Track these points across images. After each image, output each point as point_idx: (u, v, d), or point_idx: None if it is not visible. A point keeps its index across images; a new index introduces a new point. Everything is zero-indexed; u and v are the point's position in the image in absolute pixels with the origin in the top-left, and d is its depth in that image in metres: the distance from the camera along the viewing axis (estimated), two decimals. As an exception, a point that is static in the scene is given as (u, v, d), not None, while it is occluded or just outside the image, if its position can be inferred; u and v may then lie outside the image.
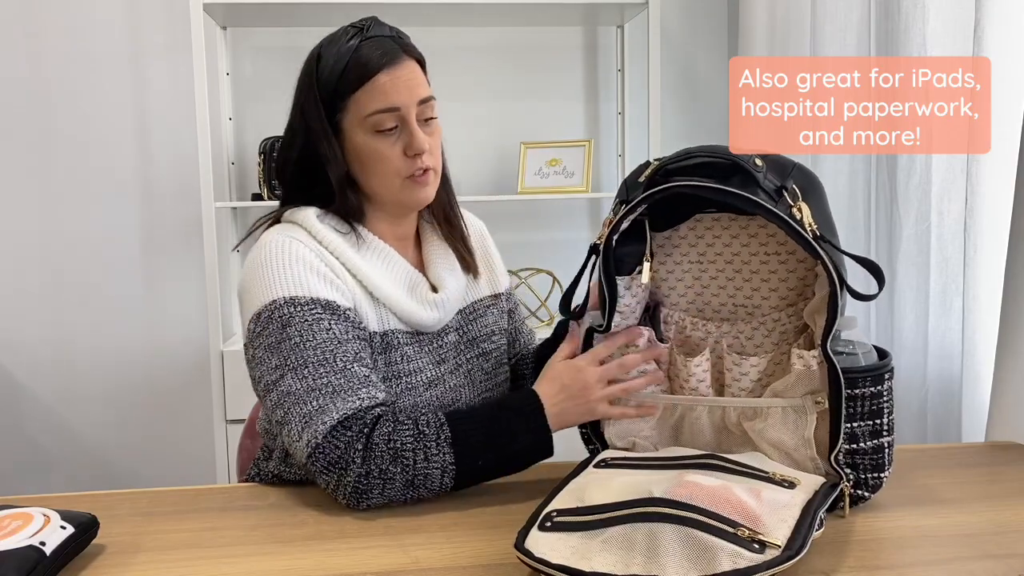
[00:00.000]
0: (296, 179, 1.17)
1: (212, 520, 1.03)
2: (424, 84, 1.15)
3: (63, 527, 0.87)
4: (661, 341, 1.10)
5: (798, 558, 0.76)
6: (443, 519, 0.99)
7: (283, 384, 1.04)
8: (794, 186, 0.94)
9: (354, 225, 1.16)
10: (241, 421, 2.09)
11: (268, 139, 2.50)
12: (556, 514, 0.85)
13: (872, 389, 0.95)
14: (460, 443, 1.02)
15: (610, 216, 1.02)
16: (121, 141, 2.62)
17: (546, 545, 0.81)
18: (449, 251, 1.25)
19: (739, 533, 0.77)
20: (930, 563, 0.86)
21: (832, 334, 0.93)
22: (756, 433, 1.00)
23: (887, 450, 0.96)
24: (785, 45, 2.27)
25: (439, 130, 1.17)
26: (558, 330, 1.31)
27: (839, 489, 0.92)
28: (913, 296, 1.79)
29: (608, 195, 2.56)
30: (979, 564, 0.84)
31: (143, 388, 2.68)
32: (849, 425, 0.95)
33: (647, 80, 2.54)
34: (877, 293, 0.91)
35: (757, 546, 0.76)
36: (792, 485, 0.89)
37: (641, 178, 1.00)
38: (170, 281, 2.67)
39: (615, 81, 2.79)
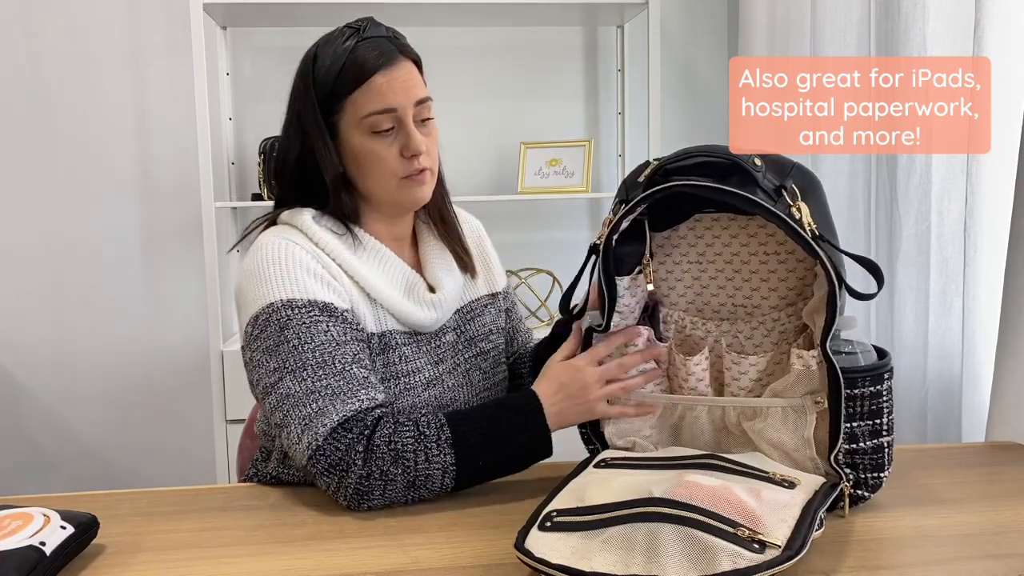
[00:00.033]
0: (292, 180, 1.17)
1: (212, 520, 1.03)
2: (421, 85, 1.15)
3: (63, 527, 0.87)
4: (660, 340, 1.11)
5: (798, 558, 0.76)
6: (443, 519, 0.99)
7: (282, 387, 1.04)
8: (793, 186, 0.94)
9: (350, 226, 1.16)
10: (241, 421, 2.09)
11: (268, 139, 2.50)
12: (556, 514, 0.85)
13: (871, 389, 0.95)
14: (460, 444, 1.02)
15: (610, 216, 1.02)
16: (121, 141, 2.62)
17: (546, 545, 0.81)
18: (446, 251, 1.25)
19: (739, 533, 0.77)
20: (930, 563, 0.86)
21: (831, 334, 0.93)
22: (756, 433, 1.00)
23: (887, 450, 0.96)
24: (785, 45, 2.27)
25: (436, 131, 1.17)
26: (556, 330, 1.31)
27: (839, 489, 0.92)
28: (913, 296, 1.79)
29: (608, 195, 2.56)
30: (979, 564, 0.84)
31: (143, 388, 2.68)
32: (849, 425, 0.95)
33: (647, 80, 2.54)
34: (876, 292, 0.91)
35: (757, 546, 0.76)
36: (792, 485, 0.89)
37: (640, 178, 1.00)
38: (170, 281, 2.67)
39: (615, 81, 2.79)
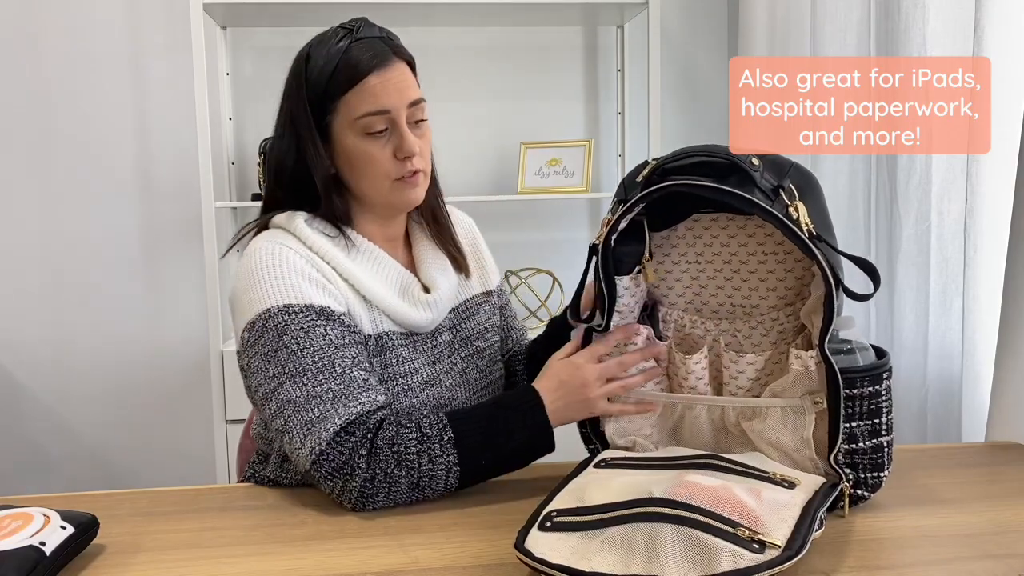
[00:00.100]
0: (285, 181, 1.16)
1: (212, 520, 1.03)
2: (414, 86, 1.14)
3: (63, 527, 0.87)
4: (660, 339, 1.11)
5: (798, 558, 0.76)
6: (443, 519, 0.99)
7: (282, 392, 1.04)
8: (791, 185, 0.94)
9: (343, 229, 1.16)
10: (241, 421, 2.09)
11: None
12: (556, 514, 0.85)
13: (870, 389, 0.95)
14: (463, 443, 1.02)
15: (608, 216, 1.02)
16: (121, 141, 2.62)
17: (546, 545, 0.81)
18: (439, 251, 1.25)
19: (739, 533, 0.77)
20: (930, 563, 0.86)
21: (829, 334, 0.93)
22: (755, 433, 1.00)
23: (886, 450, 0.96)
24: (785, 45, 2.27)
25: (429, 132, 1.17)
26: (550, 328, 1.31)
27: (839, 489, 0.92)
28: (913, 296, 1.79)
29: (608, 195, 2.55)
30: (979, 564, 0.84)
31: (143, 388, 2.68)
32: (848, 425, 0.95)
33: (647, 80, 2.54)
34: (873, 293, 0.91)
35: (757, 546, 0.76)
36: (792, 485, 0.89)
37: (639, 178, 1.00)
38: (170, 281, 2.67)
39: (615, 81, 2.79)
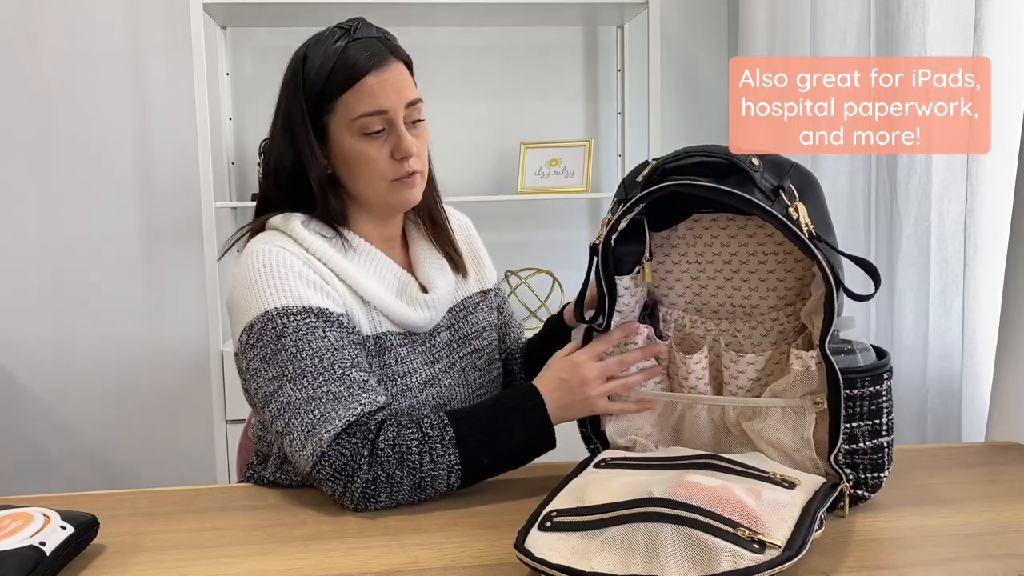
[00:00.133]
0: (281, 181, 1.16)
1: (212, 520, 1.03)
2: (411, 86, 1.14)
3: (63, 527, 0.87)
4: (660, 339, 1.11)
5: (798, 558, 0.76)
6: (443, 519, 0.99)
7: (282, 394, 1.04)
8: (791, 186, 0.94)
9: (339, 229, 1.15)
10: (241, 421, 2.09)
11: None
12: (556, 514, 0.85)
13: (871, 389, 0.95)
14: (464, 443, 1.02)
15: (608, 216, 1.02)
16: (121, 141, 2.62)
17: (546, 545, 0.81)
18: (436, 251, 1.25)
19: (739, 533, 0.77)
20: (930, 563, 0.86)
21: (830, 334, 0.93)
22: (755, 433, 1.00)
23: (886, 450, 0.96)
24: (785, 45, 2.27)
25: (426, 132, 1.17)
26: (547, 327, 1.31)
27: (839, 489, 0.92)
28: (913, 296, 1.79)
29: (608, 195, 2.55)
30: (979, 564, 0.84)
31: (143, 388, 2.68)
32: (848, 425, 0.95)
33: (647, 80, 2.54)
34: (873, 293, 0.91)
35: (757, 546, 0.76)
36: (792, 485, 0.89)
37: (639, 178, 1.00)
38: (170, 281, 2.67)
39: (615, 81, 2.79)
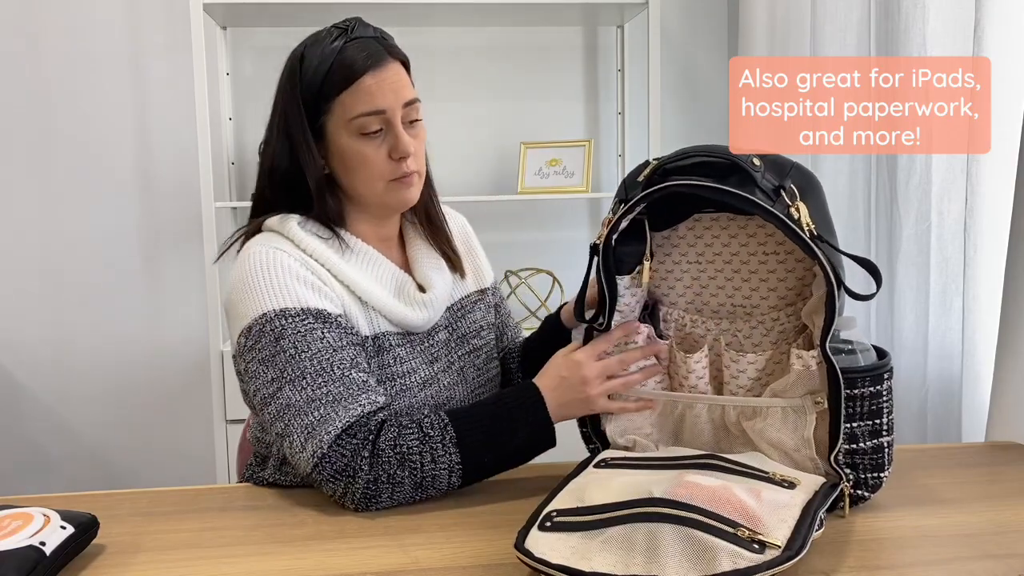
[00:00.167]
0: (277, 181, 1.15)
1: (212, 520, 1.03)
2: (409, 86, 1.14)
3: (63, 527, 0.87)
4: (660, 338, 1.11)
5: (798, 558, 0.76)
6: (443, 519, 0.99)
7: (282, 396, 1.04)
8: (792, 186, 0.94)
9: (336, 230, 1.15)
10: (241, 421, 2.09)
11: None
12: (556, 514, 0.85)
13: (871, 389, 0.95)
14: (465, 442, 1.03)
15: (609, 216, 1.03)
16: (121, 141, 2.62)
17: (546, 545, 0.81)
18: (433, 250, 1.25)
19: (739, 533, 0.77)
20: (930, 563, 0.86)
21: (830, 334, 0.93)
22: (756, 433, 1.00)
23: (887, 450, 0.96)
24: (785, 45, 2.27)
25: (423, 132, 1.17)
26: (545, 327, 1.31)
27: (839, 489, 0.92)
28: (913, 296, 1.79)
29: (608, 195, 2.56)
30: (979, 564, 0.84)
31: (143, 388, 2.68)
32: (848, 425, 0.95)
33: (647, 80, 2.54)
34: (875, 293, 0.91)
35: (757, 546, 0.76)
36: (792, 485, 0.89)
37: (640, 177, 1.00)
38: (170, 281, 2.67)
39: (615, 81, 2.79)
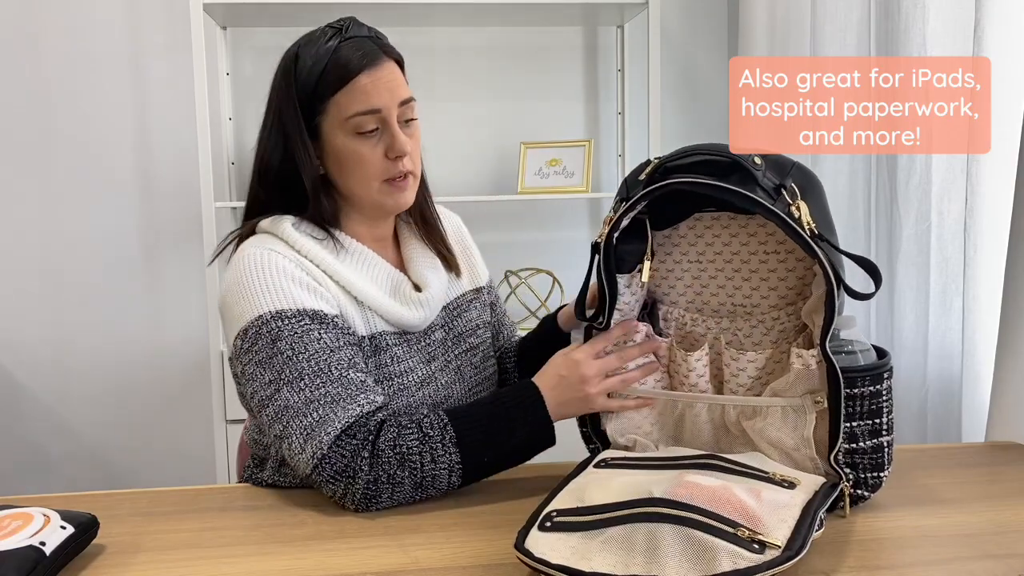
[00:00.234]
0: (272, 182, 1.15)
1: (212, 520, 1.03)
2: (404, 85, 1.14)
3: (63, 527, 0.87)
4: (659, 337, 1.11)
5: (798, 558, 0.76)
6: (443, 519, 0.99)
7: (280, 398, 1.04)
8: (793, 185, 0.95)
9: (331, 231, 1.15)
10: (241, 421, 2.09)
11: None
12: (556, 514, 0.85)
13: (871, 388, 0.95)
14: (465, 442, 1.03)
15: (610, 214, 1.03)
16: (121, 141, 2.62)
17: (546, 545, 0.81)
18: (428, 250, 1.25)
19: (739, 533, 0.77)
20: (930, 563, 0.86)
21: (830, 333, 0.93)
22: (756, 432, 1.00)
23: (886, 449, 0.96)
24: (785, 45, 2.27)
25: (419, 131, 1.17)
26: (542, 326, 1.31)
27: (839, 489, 0.92)
28: (913, 296, 1.79)
29: (608, 195, 2.56)
30: (979, 564, 0.84)
31: (143, 388, 2.68)
32: (848, 424, 0.95)
33: (647, 80, 2.54)
34: (874, 292, 0.91)
35: (757, 546, 0.76)
36: (792, 485, 0.89)
37: (641, 176, 1.00)
38: (170, 281, 2.67)
39: (615, 81, 2.79)
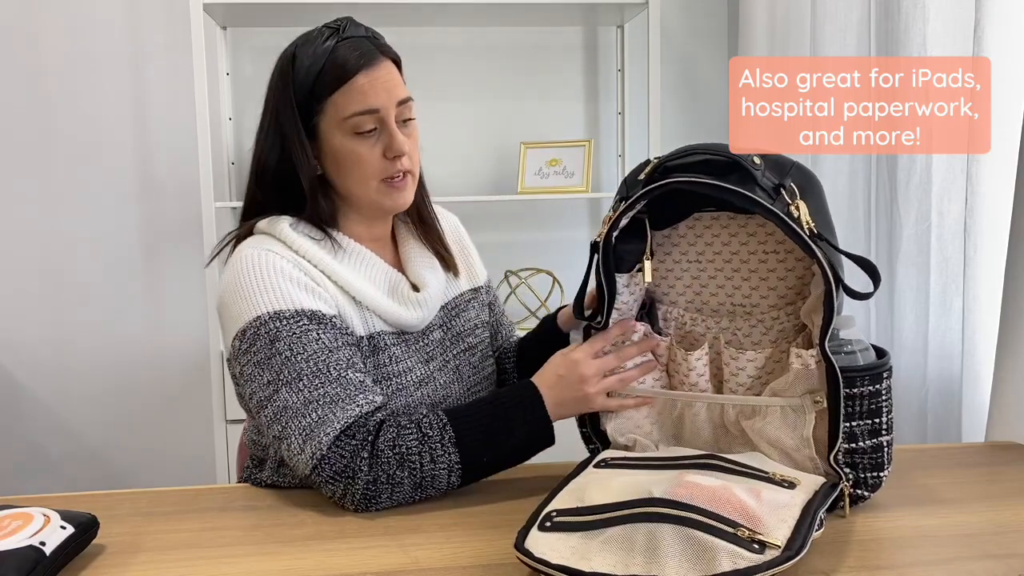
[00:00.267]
0: (269, 182, 1.15)
1: (212, 520, 1.03)
2: (401, 85, 1.14)
3: (63, 527, 0.87)
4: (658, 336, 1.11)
5: (798, 558, 0.76)
6: (443, 519, 0.99)
7: (278, 399, 1.03)
8: (792, 184, 0.95)
9: (328, 231, 1.15)
10: (241, 421, 2.09)
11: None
12: (556, 514, 0.85)
13: (870, 388, 0.95)
14: (464, 442, 1.03)
15: (610, 214, 1.03)
16: (121, 141, 2.62)
17: (546, 545, 0.81)
18: (426, 250, 1.25)
19: (739, 533, 0.77)
20: (930, 563, 0.86)
21: (829, 333, 0.93)
22: (755, 432, 1.00)
23: (886, 449, 0.96)
24: (785, 45, 2.26)
25: (417, 131, 1.17)
26: (541, 326, 1.31)
27: (839, 489, 0.92)
28: (913, 296, 1.79)
29: (608, 195, 2.56)
30: (979, 564, 0.84)
31: (143, 388, 2.68)
32: (848, 424, 0.95)
33: (647, 80, 2.54)
34: (873, 292, 0.91)
35: (757, 546, 0.76)
36: (792, 485, 0.89)
37: (641, 175, 1.00)
38: (170, 281, 2.67)
39: (615, 81, 2.79)
